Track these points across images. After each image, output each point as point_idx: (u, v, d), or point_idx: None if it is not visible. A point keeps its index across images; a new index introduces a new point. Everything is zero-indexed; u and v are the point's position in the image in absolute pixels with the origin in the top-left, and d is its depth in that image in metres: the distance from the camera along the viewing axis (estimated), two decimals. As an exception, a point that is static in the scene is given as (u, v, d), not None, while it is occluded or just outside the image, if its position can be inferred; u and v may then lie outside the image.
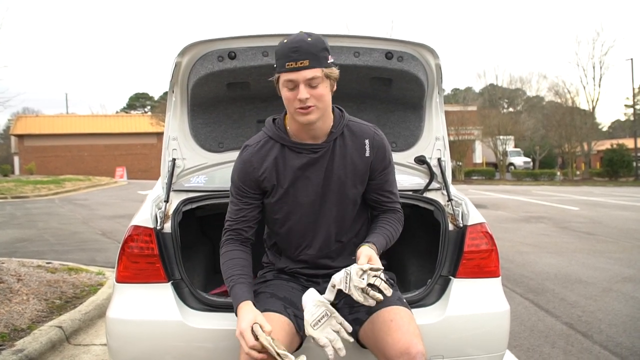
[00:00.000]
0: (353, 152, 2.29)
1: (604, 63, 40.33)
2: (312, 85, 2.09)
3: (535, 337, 4.43)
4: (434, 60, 2.83)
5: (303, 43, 2.07)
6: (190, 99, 2.91)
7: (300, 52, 2.06)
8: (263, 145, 2.30)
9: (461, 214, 2.71)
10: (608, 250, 8.51)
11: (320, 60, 2.08)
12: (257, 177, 2.28)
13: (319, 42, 2.10)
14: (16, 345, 3.71)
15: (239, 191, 2.31)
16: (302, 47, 2.06)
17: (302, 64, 2.06)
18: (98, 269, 6.44)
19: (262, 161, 2.28)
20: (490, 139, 40.91)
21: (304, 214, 2.32)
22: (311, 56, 2.07)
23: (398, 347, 2.08)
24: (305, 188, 2.29)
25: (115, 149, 44.78)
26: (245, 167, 2.29)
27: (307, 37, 2.09)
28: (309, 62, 2.06)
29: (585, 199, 19.38)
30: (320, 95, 2.11)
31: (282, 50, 2.10)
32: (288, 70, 2.08)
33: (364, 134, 2.31)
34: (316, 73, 2.08)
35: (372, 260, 2.13)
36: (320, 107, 2.13)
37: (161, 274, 2.47)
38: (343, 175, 2.29)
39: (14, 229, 11.00)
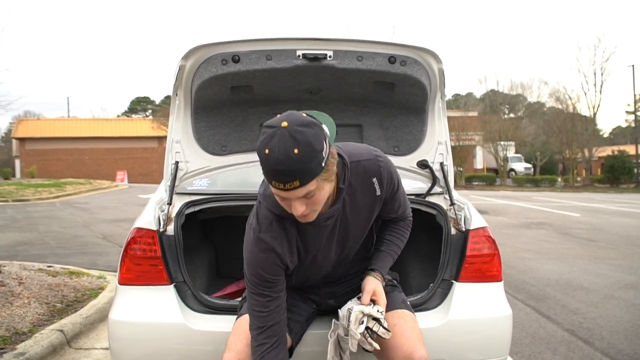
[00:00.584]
0: (363, 197, 2.12)
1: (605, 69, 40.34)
2: (309, 197, 1.80)
3: (536, 343, 4.42)
4: (437, 64, 2.84)
5: (289, 162, 1.67)
6: (193, 102, 2.92)
7: (287, 173, 1.69)
8: (277, 226, 2.02)
9: (463, 218, 2.71)
10: (609, 257, 8.49)
11: (313, 171, 1.72)
12: (284, 264, 2.05)
13: (308, 151, 1.68)
14: (17, 349, 3.70)
15: (269, 283, 2.02)
16: (289, 168, 1.68)
17: (291, 186, 1.72)
18: (99, 273, 6.43)
19: (283, 247, 2.03)
20: (491, 144, 40.92)
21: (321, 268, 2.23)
22: (301, 175, 1.70)
23: (401, 352, 2.09)
24: (328, 253, 2.17)
25: (116, 153, 44.80)
26: (269, 258, 2.01)
27: (292, 146, 1.67)
28: (300, 182, 1.71)
29: (586, 206, 19.37)
30: (318, 201, 1.83)
31: (265, 166, 1.73)
32: (276, 188, 1.76)
33: (369, 173, 2.10)
34: (310, 187, 1.75)
35: (376, 295, 2.14)
36: (318, 208, 1.88)
37: (164, 276, 2.47)
38: (358, 221, 2.17)
39: (15, 232, 11.00)
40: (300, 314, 2.32)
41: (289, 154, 1.67)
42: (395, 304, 2.26)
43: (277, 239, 2.01)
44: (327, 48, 2.69)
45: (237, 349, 2.08)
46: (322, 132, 1.74)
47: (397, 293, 2.35)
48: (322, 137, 1.73)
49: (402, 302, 2.29)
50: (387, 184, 2.16)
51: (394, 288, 2.37)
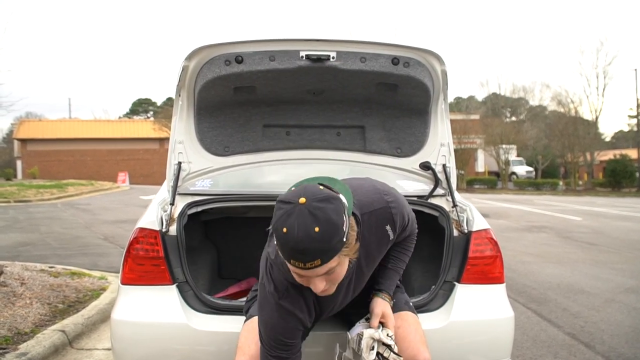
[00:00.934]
0: (378, 245, 2.09)
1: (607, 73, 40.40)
2: (330, 274, 1.74)
3: (537, 347, 4.42)
4: (440, 66, 2.84)
5: (310, 241, 1.60)
6: (196, 103, 2.92)
7: (308, 253, 1.62)
8: (294, 292, 1.97)
9: (466, 219, 2.71)
10: (611, 261, 8.48)
11: (334, 250, 1.65)
12: (304, 326, 2.03)
13: (329, 226, 1.62)
14: (19, 349, 3.71)
15: (288, 347, 1.98)
16: (310, 248, 1.61)
17: (312, 265, 1.65)
18: (100, 274, 6.44)
19: (302, 310, 2.00)
20: (492, 147, 40.90)
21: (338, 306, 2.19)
22: (322, 254, 1.63)
23: (405, 355, 2.11)
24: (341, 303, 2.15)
25: (118, 154, 44.83)
26: (290, 323, 1.97)
27: (313, 224, 1.60)
28: (321, 261, 1.64)
29: (587, 209, 19.35)
30: (339, 276, 1.78)
31: (284, 245, 1.65)
32: (296, 266, 1.68)
33: (383, 222, 2.04)
34: (332, 265, 1.69)
35: (385, 318, 2.13)
36: (338, 282, 1.83)
37: (166, 276, 2.47)
38: (371, 268, 2.16)
39: (17, 233, 11.01)
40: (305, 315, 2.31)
41: (310, 233, 1.59)
42: (398, 305, 2.26)
43: (296, 304, 1.96)
44: (331, 49, 2.70)
45: (251, 353, 2.07)
46: (341, 204, 1.68)
47: (400, 294, 2.35)
48: (341, 210, 1.66)
49: (405, 304, 2.30)
50: (400, 226, 2.12)
51: (397, 289, 2.38)
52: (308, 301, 2.00)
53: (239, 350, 2.10)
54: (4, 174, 35.54)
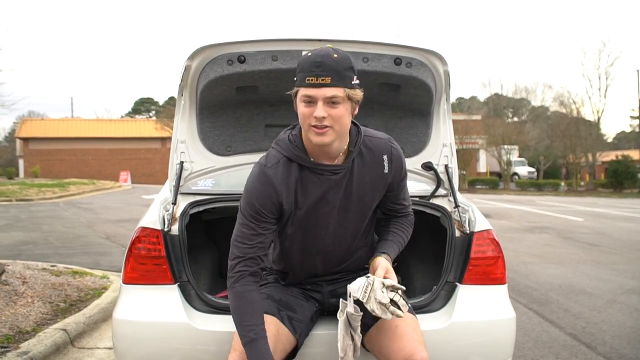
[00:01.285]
0: (372, 171, 2.21)
1: (609, 74, 40.30)
2: (332, 104, 1.98)
3: (539, 347, 4.41)
4: (443, 66, 2.84)
5: (328, 59, 1.95)
6: (199, 102, 2.92)
7: (324, 67, 1.94)
8: (282, 166, 2.15)
9: (468, 220, 2.71)
10: (612, 262, 8.48)
11: (344, 79, 1.96)
12: (279, 201, 2.14)
13: (345, 60, 1.98)
14: (21, 348, 3.71)
15: (258, 216, 2.13)
16: (326, 63, 1.94)
17: (323, 81, 1.94)
18: (102, 273, 6.44)
19: (283, 184, 2.14)
20: (494, 148, 40.87)
21: (319, 235, 2.26)
22: (334, 73, 1.95)
23: (402, 354, 2.10)
24: (324, 211, 2.21)
25: (120, 153, 44.86)
26: (266, 191, 2.12)
27: (333, 52, 1.97)
28: (331, 80, 1.94)
29: (589, 210, 19.34)
30: (338, 116, 1.99)
31: (305, 64, 1.99)
32: (308, 86, 1.96)
33: (381, 150, 2.23)
34: (337, 92, 1.96)
35: (389, 273, 2.13)
36: (336, 129, 2.02)
37: (168, 275, 2.48)
38: (362, 194, 2.23)
39: (18, 232, 11.02)
40: (304, 313, 2.32)
41: (329, 53, 1.97)
42: None
43: (278, 176, 2.13)
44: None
45: (242, 349, 2.08)
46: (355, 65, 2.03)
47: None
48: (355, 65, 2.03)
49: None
50: (396, 167, 2.25)
51: None
52: (290, 180, 2.15)
53: (231, 348, 2.13)
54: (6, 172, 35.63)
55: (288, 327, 2.22)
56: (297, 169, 2.15)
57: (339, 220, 2.24)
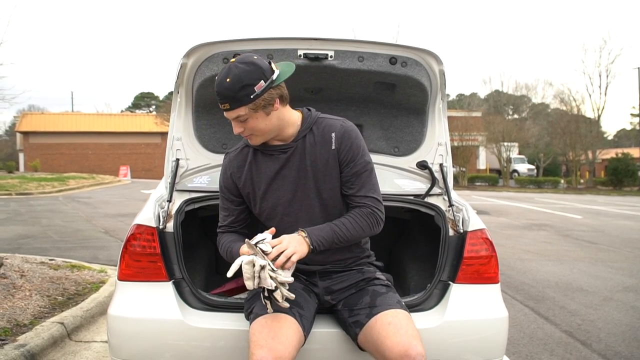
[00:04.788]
0: (321, 148, 2.32)
1: (610, 71, 40.15)
2: (242, 121, 2.19)
3: (534, 344, 4.44)
4: (438, 66, 2.85)
5: (221, 87, 2.13)
6: (194, 100, 2.93)
7: (221, 95, 2.14)
8: (240, 152, 2.42)
9: (462, 219, 2.72)
10: (610, 259, 8.50)
11: (240, 100, 2.12)
12: (236, 183, 2.40)
13: (236, 82, 2.10)
14: (18, 340, 3.73)
15: (225, 195, 2.45)
16: (221, 92, 2.13)
17: (225, 107, 2.16)
18: (100, 267, 6.46)
19: (238, 168, 2.40)
20: (494, 145, 40.83)
21: (285, 213, 2.35)
22: (230, 99, 2.13)
23: (397, 349, 2.10)
24: (282, 187, 2.34)
25: (120, 148, 44.88)
26: (226, 173, 2.42)
27: (226, 76, 2.12)
28: (229, 105, 2.14)
29: (588, 208, 19.36)
30: (252, 127, 2.20)
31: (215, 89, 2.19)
32: (224, 109, 2.19)
33: (330, 128, 2.33)
34: (239, 112, 2.15)
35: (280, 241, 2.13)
36: (258, 133, 2.24)
37: (162, 272, 2.49)
38: (316, 172, 2.32)
39: (17, 226, 11.05)
40: (309, 310, 2.33)
41: (222, 82, 2.12)
42: (390, 304, 2.28)
43: (235, 161, 2.41)
44: (329, 48, 2.71)
45: (270, 346, 2.05)
46: (260, 72, 2.12)
47: (392, 294, 2.37)
48: (256, 75, 2.11)
49: (397, 302, 2.31)
50: (343, 142, 2.31)
51: (388, 289, 2.39)
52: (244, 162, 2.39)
53: (255, 345, 2.07)
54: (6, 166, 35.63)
55: (300, 325, 2.22)
56: (252, 153, 2.38)
57: (300, 197, 2.34)
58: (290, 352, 2.09)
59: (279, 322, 2.14)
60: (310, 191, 2.33)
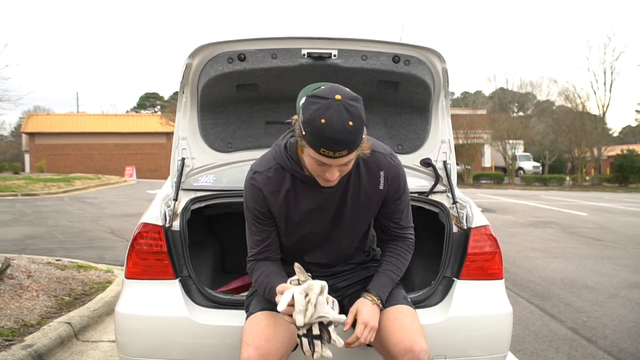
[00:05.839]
0: (367, 185, 2.21)
1: (615, 68, 40.08)
2: (344, 165, 1.96)
3: (539, 341, 4.44)
4: (441, 64, 2.86)
5: (345, 133, 1.82)
6: (200, 100, 2.95)
7: (341, 143, 1.83)
8: (274, 174, 2.16)
9: (465, 216, 2.73)
10: (615, 256, 8.48)
11: (358, 143, 1.90)
12: (268, 208, 2.19)
13: (360, 122, 1.86)
14: (26, 341, 3.76)
15: (257, 217, 2.20)
16: (344, 139, 1.83)
17: (340, 154, 1.86)
18: (107, 267, 6.49)
19: (272, 193, 2.16)
20: (499, 143, 40.78)
21: (314, 245, 2.30)
22: (351, 144, 1.86)
23: (402, 345, 2.12)
24: (319, 220, 2.23)
25: (125, 148, 44.97)
26: (256, 196, 2.17)
27: (348, 119, 1.83)
28: (348, 151, 1.87)
29: (594, 205, 19.31)
30: (347, 170, 2.02)
31: (321, 134, 1.83)
32: (322, 155, 1.87)
33: (379, 166, 2.21)
34: (352, 157, 1.93)
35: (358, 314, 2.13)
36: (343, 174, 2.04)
37: (169, 270, 2.51)
38: (356, 207, 2.24)
39: (24, 226, 11.10)
40: None
41: (345, 126, 1.82)
42: (396, 299, 2.29)
43: (268, 183, 2.16)
44: (332, 47, 2.72)
45: (256, 344, 2.09)
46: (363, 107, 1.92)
47: (398, 290, 2.38)
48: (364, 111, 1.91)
49: (404, 299, 2.33)
50: (392, 184, 2.24)
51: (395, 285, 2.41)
52: (281, 187, 2.17)
53: (244, 344, 2.12)
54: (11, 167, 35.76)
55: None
56: (290, 178, 2.16)
57: (333, 230, 2.27)
58: (279, 350, 2.11)
59: (269, 320, 2.15)
60: (347, 225, 2.27)
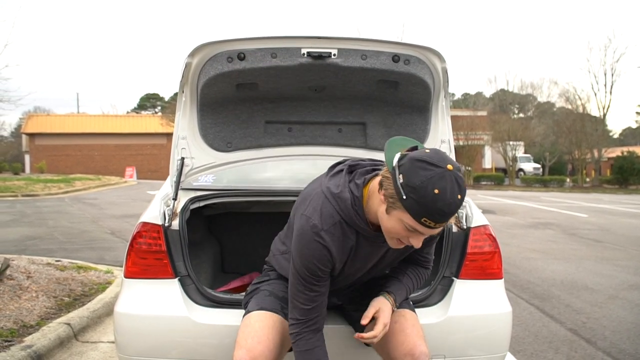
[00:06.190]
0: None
1: (615, 70, 40.05)
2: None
3: (539, 342, 4.44)
4: (441, 63, 2.85)
5: (454, 206, 1.75)
6: (199, 99, 2.95)
7: (447, 215, 1.77)
8: (339, 229, 2.03)
9: (465, 216, 2.73)
10: (615, 258, 8.48)
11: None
12: (333, 264, 2.07)
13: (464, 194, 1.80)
14: (25, 341, 3.75)
15: (317, 277, 2.05)
16: (451, 212, 1.76)
17: (440, 225, 1.80)
18: (107, 268, 6.49)
19: (339, 250, 2.04)
20: (500, 144, 40.76)
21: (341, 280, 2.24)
22: (452, 217, 1.83)
23: (402, 348, 2.13)
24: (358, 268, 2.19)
25: (125, 149, 44.97)
26: (323, 255, 2.01)
27: (458, 192, 1.76)
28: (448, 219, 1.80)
29: (594, 206, 19.30)
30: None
31: (428, 204, 1.74)
32: (422, 224, 1.78)
33: None
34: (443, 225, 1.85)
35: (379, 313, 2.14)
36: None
37: (168, 270, 2.51)
38: (398, 255, 2.24)
39: (24, 227, 11.09)
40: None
41: (456, 199, 1.74)
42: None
43: (335, 241, 2.01)
44: (332, 46, 2.72)
45: (248, 347, 2.09)
46: None
47: None
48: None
49: (405, 302, 2.33)
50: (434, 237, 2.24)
51: None
52: (347, 244, 2.05)
53: (237, 345, 2.13)
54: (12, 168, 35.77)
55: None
56: (354, 234, 2.05)
57: (367, 273, 2.25)
58: (272, 352, 2.11)
59: (263, 321, 2.15)
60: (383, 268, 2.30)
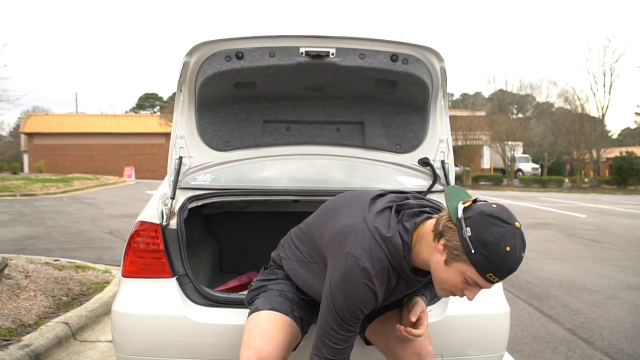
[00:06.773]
0: None
1: (614, 70, 40.08)
2: None
3: (537, 342, 4.44)
4: (439, 63, 2.85)
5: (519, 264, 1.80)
6: (197, 98, 2.94)
7: (512, 272, 1.80)
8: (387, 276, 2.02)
9: None
10: (614, 258, 8.49)
11: None
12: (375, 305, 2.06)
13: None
14: (23, 340, 3.75)
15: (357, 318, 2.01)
16: (516, 269, 1.81)
17: (500, 280, 1.82)
18: (105, 267, 6.49)
19: (383, 291, 2.03)
20: (498, 144, 40.74)
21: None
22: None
23: (410, 349, 2.15)
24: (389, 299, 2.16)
25: (124, 149, 44.94)
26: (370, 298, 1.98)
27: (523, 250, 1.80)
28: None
29: (592, 207, 19.31)
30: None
31: (498, 260, 1.76)
32: (486, 279, 1.80)
33: None
34: None
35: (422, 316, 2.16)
36: None
37: (166, 269, 2.51)
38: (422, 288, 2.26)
39: (22, 227, 11.09)
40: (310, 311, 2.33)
41: (522, 257, 1.79)
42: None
43: (381, 285, 2.00)
44: (330, 45, 2.71)
45: (257, 347, 2.07)
46: None
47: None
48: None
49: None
50: None
51: None
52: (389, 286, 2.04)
53: (243, 344, 2.10)
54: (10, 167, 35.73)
55: (299, 326, 2.24)
56: (396, 276, 2.05)
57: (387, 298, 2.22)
58: (280, 354, 2.10)
59: (271, 322, 2.14)
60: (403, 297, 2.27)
